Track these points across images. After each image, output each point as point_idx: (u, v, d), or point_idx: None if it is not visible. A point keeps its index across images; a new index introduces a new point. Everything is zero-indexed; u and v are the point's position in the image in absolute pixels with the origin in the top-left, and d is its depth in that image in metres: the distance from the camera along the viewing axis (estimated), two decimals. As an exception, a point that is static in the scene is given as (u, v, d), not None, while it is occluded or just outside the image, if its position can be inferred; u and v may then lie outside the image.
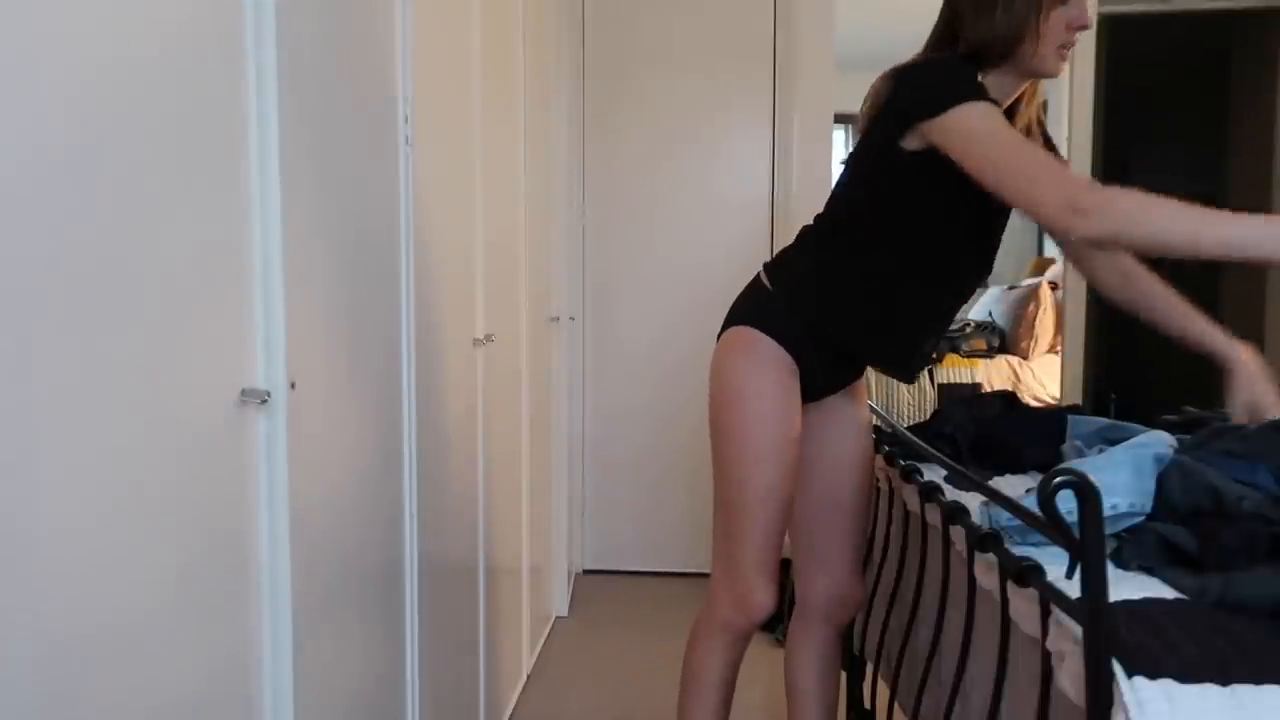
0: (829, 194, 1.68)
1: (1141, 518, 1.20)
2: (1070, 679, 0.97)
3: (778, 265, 1.69)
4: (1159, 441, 1.30)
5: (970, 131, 1.41)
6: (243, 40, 1.04)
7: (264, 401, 1.06)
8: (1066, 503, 0.92)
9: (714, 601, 1.67)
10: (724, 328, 1.67)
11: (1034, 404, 2.77)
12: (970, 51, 1.51)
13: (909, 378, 1.70)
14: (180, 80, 0.92)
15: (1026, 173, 1.36)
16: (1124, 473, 1.19)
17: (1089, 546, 0.91)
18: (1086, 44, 3.40)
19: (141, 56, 0.86)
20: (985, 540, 1.21)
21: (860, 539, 1.78)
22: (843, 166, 1.65)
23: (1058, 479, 0.92)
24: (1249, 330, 3.82)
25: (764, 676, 2.64)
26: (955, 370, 4.63)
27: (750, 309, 1.65)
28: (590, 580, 3.62)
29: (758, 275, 1.70)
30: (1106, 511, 1.04)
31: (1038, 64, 1.51)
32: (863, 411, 1.78)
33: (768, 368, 1.59)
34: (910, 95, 1.48)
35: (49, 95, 0.74)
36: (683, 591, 3.47)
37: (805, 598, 1.80)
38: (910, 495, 1.67)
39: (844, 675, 2.04)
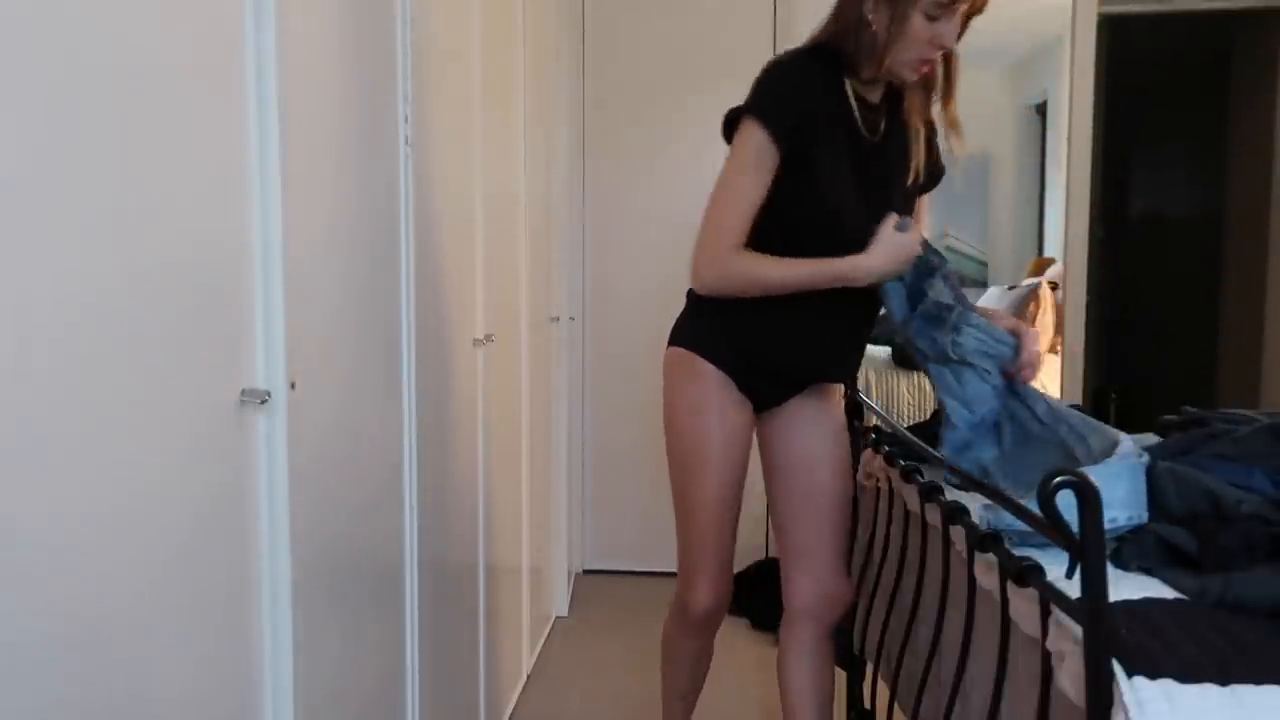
0: None
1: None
2: (1070, 679, 0.97)
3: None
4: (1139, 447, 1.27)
5: (735, 146, 1.59)
6: (242, 40, 1.04)
7: (264, 401, 1.06)
8: (1068, 507, 0.92)
9: (676, 593, 1.85)
10: (667, 347, 1.75)
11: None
12: (830, 42, 1.60)
13: (842, 380, 1.80)
14: (179, 79, 0.92)
15: (712, 216, 1.58)
16: (1121, 486, 1.17)
17: (1089, 546, 0.91)
18: (1086, 44, 3.39)
19: (141, 53, 0.86)
20: (985, 540, 1.21)
21: (839, 537, 1.78)
22: None
23: (1058, 479, 0.91)
24: (1249, 330, 3.83)
25: (762, 677, 2.64)
26: (955, 370, 4.60)
27: (683, 330, 1.74)
28: (590, 580, 3.62)
29: (688, 295, 1.77)
30: (1105, 525, 1.03)
31: (892, 68, 1.55)
32: (833, 410, 1.80)
33: (702, 385, 1.68)
34: (751, 92, 1.60)
35: (48, 93, 0.74)
36: (683, 591, 3.47)
37: (791, 599, 1.80)
38: (910, 495, 1.66)
39: (844, 675, 2.04)
